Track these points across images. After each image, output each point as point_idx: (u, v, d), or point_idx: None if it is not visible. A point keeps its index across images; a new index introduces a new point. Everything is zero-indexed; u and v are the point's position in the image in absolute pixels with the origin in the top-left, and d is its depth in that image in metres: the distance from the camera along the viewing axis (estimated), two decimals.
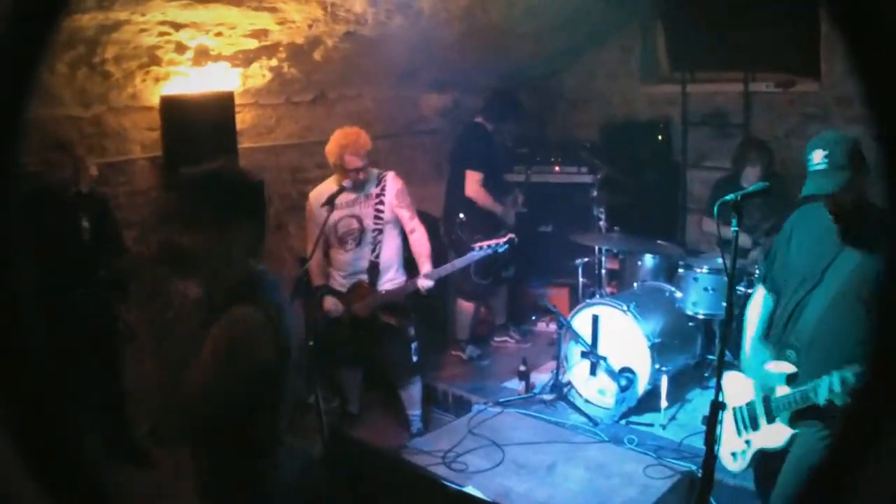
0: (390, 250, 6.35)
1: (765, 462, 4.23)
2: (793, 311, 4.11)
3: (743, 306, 5.66)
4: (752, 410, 4.23)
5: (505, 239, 6.11)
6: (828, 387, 3.70)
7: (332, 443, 5.70)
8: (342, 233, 6.25)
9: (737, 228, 3.67)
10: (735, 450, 4.32)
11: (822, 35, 7.45)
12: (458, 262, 6.29)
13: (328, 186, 6.27)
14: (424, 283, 6.09)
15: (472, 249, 6.17)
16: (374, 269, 6.29)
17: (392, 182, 6.30)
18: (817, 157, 3.83)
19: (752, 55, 7.88)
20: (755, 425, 4.20)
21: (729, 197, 3.75)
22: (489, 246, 6.10)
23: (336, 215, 6.14)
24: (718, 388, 3.66)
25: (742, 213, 3.72)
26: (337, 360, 6.55)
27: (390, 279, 6.36)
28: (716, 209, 3.77)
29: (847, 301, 3.84)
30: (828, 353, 3.86)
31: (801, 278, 4.08)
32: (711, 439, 3.58)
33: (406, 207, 6.32)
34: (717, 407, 3.59)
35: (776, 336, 4.24)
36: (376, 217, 6.23)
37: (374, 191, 6.25)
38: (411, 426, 6.68)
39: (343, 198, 6.12)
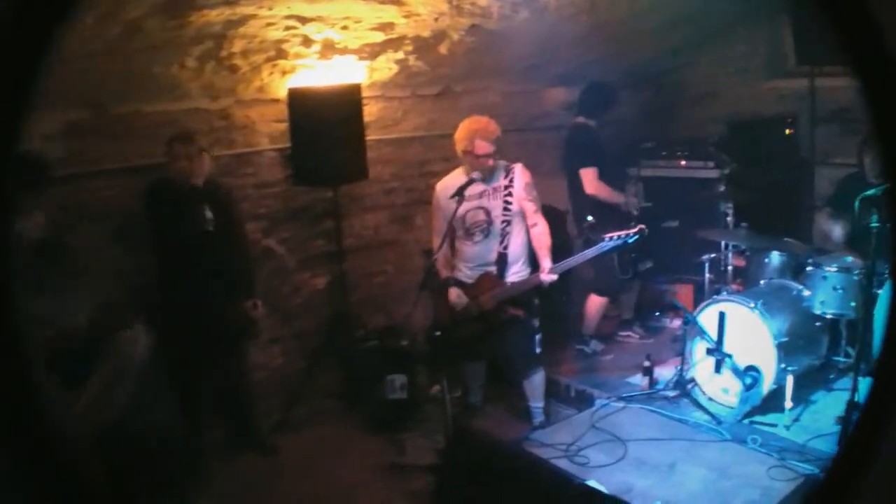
0: (517, 242, 6.32)
1: None
2: None
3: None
4: None
5: (635, 230, 6.04)
6: None
7: (455, 434, 5.75)
8: (470, 224, 6.26)
9: (877, 224, 3.57)
10: None
11: None
12: (588, 253, 6.22)
13: (455, 178, 6.31)
14: (548, 277, 6.06)
15: (603, 240, 6.14)
16: (502, 261, 6.28)
17: (521, 174, 6.28)
18: None
19: None
20: None
21: (870, 192, 3.65)
22: (619, 236, 6.04)
23: (464, 207, 6.15)
24: (855, 389, 3.57)
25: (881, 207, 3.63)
26: (462, 352, 6.55)
27: (517, 272, 6.34)
28: (857, 204, 3.67)
29: None
30: None
31: None
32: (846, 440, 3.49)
33: (532, 200, 6.29)
34: (853, 407, 3.50)
35: None
36: (505, 209, 6.22)
37: (503, 182, 6.25)
38: (533, 418, 6.66)
39: (471, 189, 6.13)
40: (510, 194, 6.22)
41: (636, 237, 6.02)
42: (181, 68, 5.97)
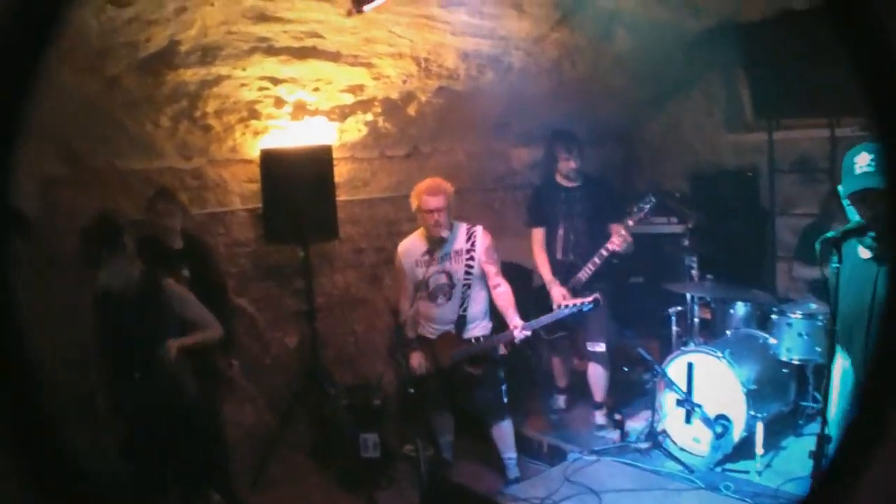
0: (477, 303, 6.46)
1: None
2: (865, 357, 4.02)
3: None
4: None
5: (591, 298, 6.28)
6: None
7: (430, 490, 5.76)
8: (433, 288, 6.35)
9: (837, 265, 3.65)
10: None
11: None
12: (545, 319, 6.38)
13: (415, 239, 6.48)
14: (521, 333, 6.20)
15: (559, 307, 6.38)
16: (461, 322, 6.40)
17: (482, 238, 6.41)
18: (863, 160, 3.77)
19: (837, 100, 7.82)
20: None
21: (830, 234, 3.73)
22: (574, 305, 6.29)
23: (427, 271, 6.31)
24: (825, 422, 3.62)
25: (842, 251, 3.71)
26: (429, 406, 6.60)
27: (476, 329, 6.47)
28: (818, 246, 3.73)
29: None
30: None
31: (857, 318, 3.99)
32: (819, 473, 3.54)
33: (493, 263, 6.42)
34: (824, 440, 3.55)
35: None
36: (466, 273, 6.34)
37: (465, 246, 6.35)
38: (507, 471, 6.69)
39: (434, 253, 6.31)
40: (472, 258, 6.35)
41: (591, 306, 6.27)
42: (156, 127, 6.04)
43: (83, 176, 5.97)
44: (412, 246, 6.45)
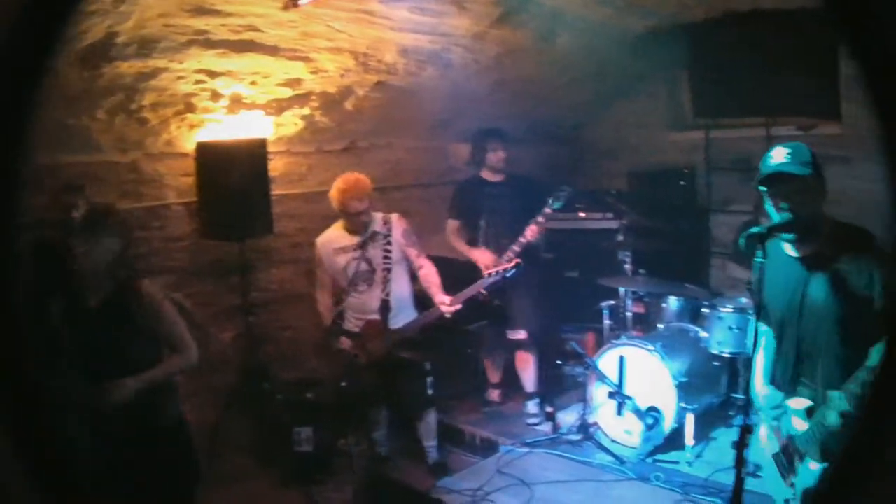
0: (401, 290, 6.50)
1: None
2: (795, 350, 4.10)
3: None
4: (787, 454, 4.20)
5: (512, 264, 6.34)
6: (834, 407, 3.71)
7: (363, 484, 5.79)
8: (352, 276, 6.38)
9: (762, 260, 3.73)
10: (788, 497, 4.23)
11: (842, 77, 7.49)
12: (470, 289, 6.40)
13: (335, 232, 6.54)
14: (449, 308, 6.24)
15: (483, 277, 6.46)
16: (385, 308, 6.40)
17: (397, 223, 6.49)
18: (779, 154, 3.88)
19: (774, 101, 7.96)
20: (793, 469, 4.11)
21: (755, 229, 3.80)
22: (497, 272, 6.34)
23: (346, 259, 6.41)
24: (747, 413, 3.69)
25: (767, 246, 3.78)
26: (364, 399, 6.63)
27: (403, 318, 6.49)
28: (742, 241, 3.80)
29: (835, 325, 3.86)
30: (837, 379, 3.84)
31: (787, 318, 4.09)
32: (740, 462, 3.60)
33: (412, 246, 6.51)
34: (746, 430, 3.61)
35: (785, 375, 4.23)
36: (385, 257, 6.38)
37: (382, 231, 6.42)
38: (428, 457, 6.83)
39: (351, 242, 6.39)
40: (389, 243, 6.40)
41: (513, 271, 6.30)
42: (92, 120, 6.00)
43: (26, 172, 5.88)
44: (331, 237, 6.53)
